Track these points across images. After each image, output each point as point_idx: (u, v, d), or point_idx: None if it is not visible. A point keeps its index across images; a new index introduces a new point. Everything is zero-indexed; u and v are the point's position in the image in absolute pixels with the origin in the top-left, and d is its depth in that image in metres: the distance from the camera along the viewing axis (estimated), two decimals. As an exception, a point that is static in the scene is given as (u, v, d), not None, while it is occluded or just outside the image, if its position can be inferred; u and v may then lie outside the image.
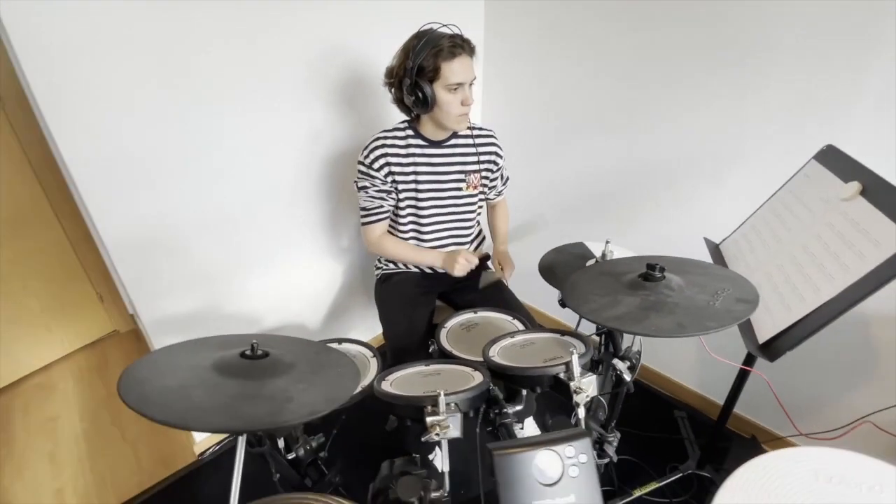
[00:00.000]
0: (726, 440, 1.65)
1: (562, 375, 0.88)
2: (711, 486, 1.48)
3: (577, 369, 0.86)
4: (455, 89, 1.22)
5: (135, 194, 1.28)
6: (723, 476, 1.51)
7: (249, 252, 1.58)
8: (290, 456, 1.03)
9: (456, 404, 0.82)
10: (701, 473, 1.49)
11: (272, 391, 0.68)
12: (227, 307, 1.60)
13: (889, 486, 0.47)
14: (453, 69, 1.19)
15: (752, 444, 1.65)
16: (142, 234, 1.33)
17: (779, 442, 1.60)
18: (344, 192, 1.74)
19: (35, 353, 2.06)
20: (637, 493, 1.45)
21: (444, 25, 1.22)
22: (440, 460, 0.82)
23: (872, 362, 1.31)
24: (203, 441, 1.71)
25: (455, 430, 0.78)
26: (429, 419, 0.77)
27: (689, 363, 1.83)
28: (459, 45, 1.18)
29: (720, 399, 1.78)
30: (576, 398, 0.85)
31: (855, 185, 0.99)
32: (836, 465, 0.52)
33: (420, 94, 1.21)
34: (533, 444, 0.55)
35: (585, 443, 0.56)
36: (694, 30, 1.38)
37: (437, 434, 0.76)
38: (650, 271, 0.85)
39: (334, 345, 1.25)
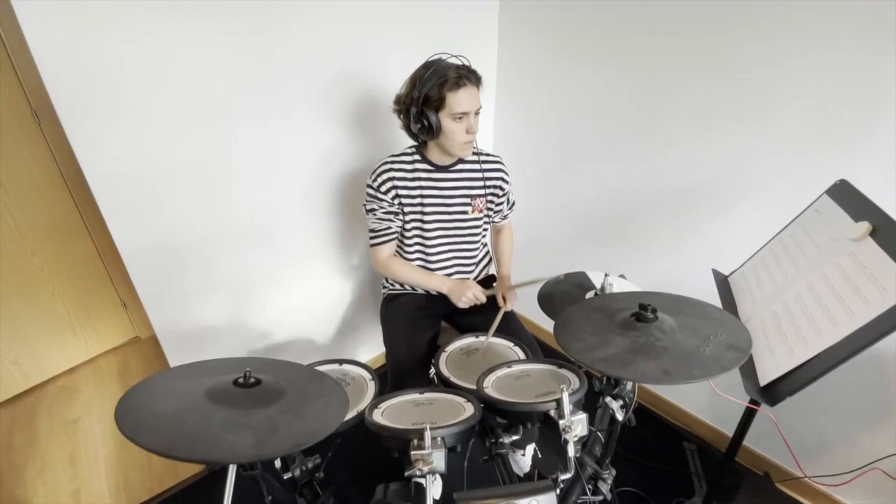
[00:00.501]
0: (738, 476, 1.59)
1: (552, 412, 0.88)
2: (717, 525, 1.44)
3: (567, 407, 0.86)
4: (460, 118, 1.24)
5: (151, 209, 1.33)
6: (730, 515, 1.46)
7: (262, 267, 1.63)
8: (287, 476, 1.05)
9: (443, 438, 0.82)
10: (707, 511, 1.45)
11: (258, 421, 0.70)
12: (237, 320, 1.65)
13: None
14: (459, 99, 1.21)
15: (765, 481, 1.59)
16: (157, 247, 1.39)
17: (793, 482, 1.54)
18: (354, 211, 1.78)
19: (61, 356, 2.16)
20: (639, 528, 1.42)
21: (453, 56, 1.24)
22: (427, 495, 0.82)
23: (886, 404, 1.25)
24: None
25: (440, 466, 0.78)
26: (413, 453, 0.78)
27: (702, 394, 1.78)
28: (465, 77, 1.21)
29: (732, 431, 1.74)
30: (565, 436, 0.85)
31: (865, 226, 0.96)
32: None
33: (426, 123, 1.24)
34: (497, 496, 0.55)
35: (550, 497, 0.56)
36: (706, 56, 1.37)
37: (421, 470, 0.76)
38: (642, 312, 0.84)
39: (334, 366, 1.28)
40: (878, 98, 1.12)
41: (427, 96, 1.21)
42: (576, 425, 0.85)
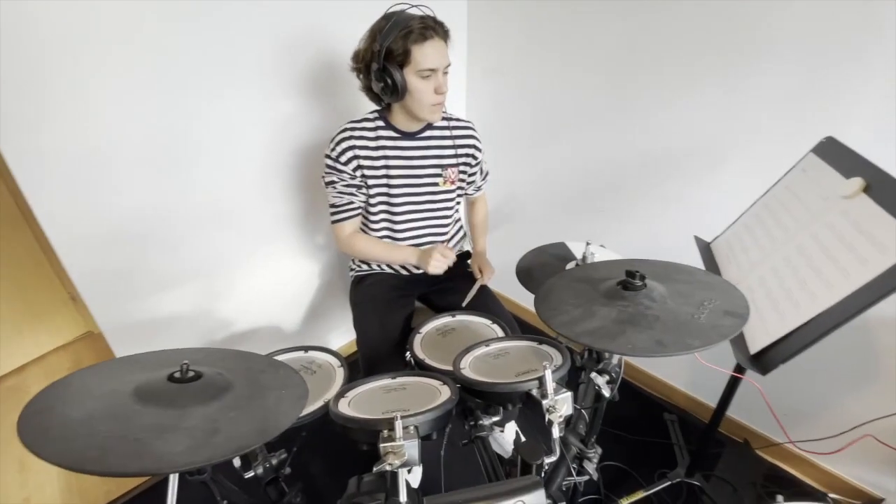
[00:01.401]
0: (718, 445, 1.58)
1: (534, 392, 0.81)
2: (702, 495, 1.42)
3: (550, 385, 0.78)
4: (427, 76, 1.13)
5: (87, 192, 1.19)
6: (715, 485, 1.45)
7: (218, 250, 1.50)
8: (249, 475, 0.96)
9: (415, 427, 0.74)
10: (690, 482, 1.43)
11: (195, 422, 0.60)
12: (195, 310, 1.52)
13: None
14: (425, 53, 1.09)
15: (744, 449, 1.59)
16: (96, 235, 1.25)
17: (774, 448, 1.53)
18: (316, 186, 1.64)
19: (7, 356, 1.99)
20: (624, 502, 1.39)
21: (414, 6, 1.12)
22: (399, 488, 0.74)
23: (872, 368, 1.23)
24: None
25: (413, 457, 0.70)
26: (382, 446, 0.70)
27: (680, 364, 1.76)
28: (431, 27, 1.09)
29: (711, 401, 1.72)
30: (549, 417, 0.77)
31: (858, 182, 0.90)
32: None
33: (389, 81, 1.12)
34: (478, 497, 0.47)
35: (538, 495, 0.48)
36: (683, 14, 1.29)
37: (391, 464, 0.68)
38: (629, 279, 0.77)
39: (300, 353, 1.17)
40: (863, 52, 1.06)
41: (389, 50, 1.08)
42: (560, 404, 0.78)
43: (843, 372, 1.29)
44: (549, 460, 0.79)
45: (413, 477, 1.18)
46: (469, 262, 1.48)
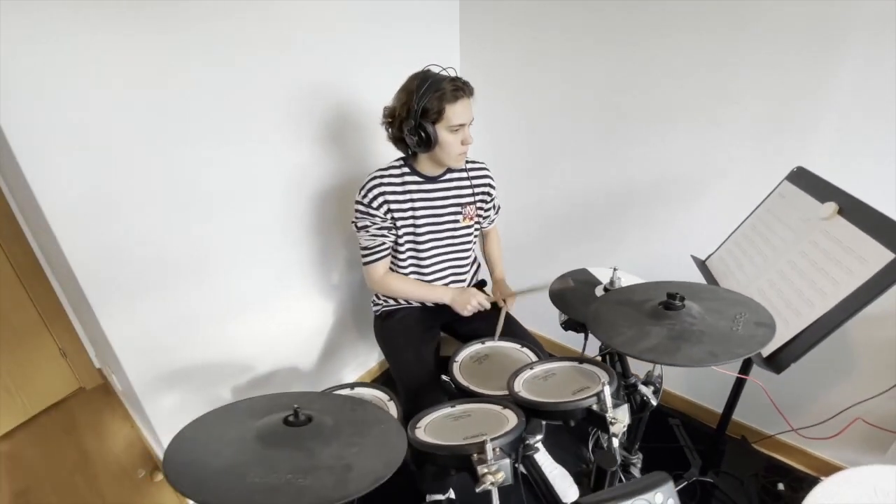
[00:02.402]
0: (721, 443, 1.73)
1: (594, 407, 0.91)
2: (714, 491, 1.55)
3: (609, 400, 0.89)
4: (457, 130, 1.25)
5: (115, 239, 1.20)
6: (723, 480, 1.58)
7: (238, 294, 1.52)
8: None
9: (502, 448, 0.82)
10: (704, 479, 1.55)
11: (328, 460, 0.65)
12: (216, 354, 1.52)
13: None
14: (456, 111, 1.22)
15: (743, 445, 1.74)
16: (125, 282, 1.25)
17: (768, 441, 1.69)
18: (332, 229, 1.71)
19: (-6, 421, 1.87)
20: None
21: (443, 69, 1.25)
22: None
23: (851, 360, 1.43)
24: None
25: (507, 476, 0.78)
26: (479, 468, 0.77)
27: (679, 371, 1.91)
28: (461, 88, 1.22)
29: (709, 404, 1.88)
30: (612, 430, 0.87)
31: (833, 206, 1.09)
32: (890, 481, 0.57)
33: (423, 135, 1.23)
34: (622, 494, 0.56)
35: (669, 486, 0.58)
36: (667, 57, 1.47)
37: (492, 483, 0.75)
38: (671, 300, 0.89)
39: (347, 390, 1.22)
40: (823, 91, 1.27)
41: (425, 109, 1.20)
42: (620, 416, 0.88)
43: (825, 365, 1.47)
44: (614, 469, 0.89)
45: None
46: (486, 289, 1.58)
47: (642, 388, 0.99)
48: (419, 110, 1.20)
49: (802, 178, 1.25)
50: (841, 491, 0.59)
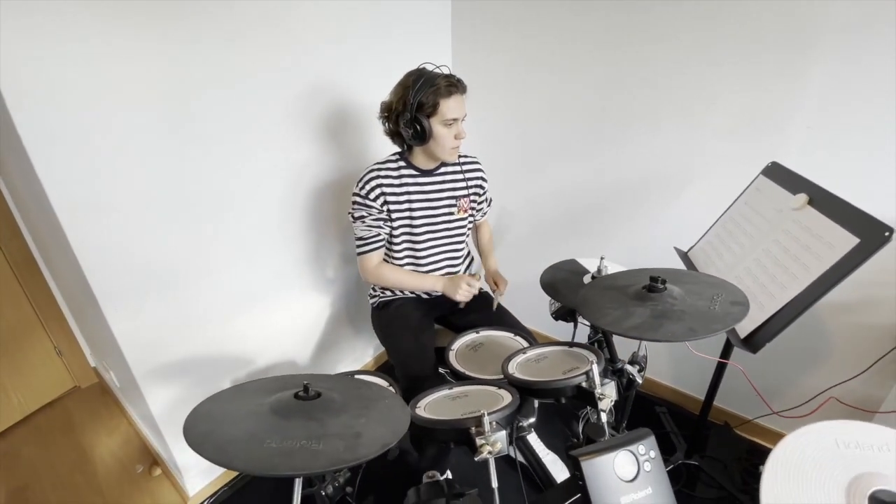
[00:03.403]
0: (705, 429, 1.80)
1: (584, 384, 0.97)
2: (700, 473, 1.62)
3: (597, 378, 0.95)
4: (450, 124, 1.31)
5: (121, 236, 1.23)
6: (708, 463, 1.65)
7: (237, 290, 1.55)
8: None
9: (498, 422, 0.87)
10: (690, 462, 1.63)
11: (339, 429, 0.70)
12: (216, 348, 1.55)
13: (893, 444, 0.59)
14: (450, 106, 1.28)
15: (726, 430, 1.82)
16: (130, 281, 1.28)
17: (749, 425, 1.77)
18: (329, 224, 1.76)
19: (-10, 420, 1.88)
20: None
21: (437, 67, 1.31)
22: (491, 474, 0.86)
23: (826, 345, 1.51)
24: (196, 495, 1.63)
25: (503, 447, 0.83)
26: (478, 439, 0.82)
27: (665, 361, 1.99)
28: (455, 84, 1.28)
29: (693, 392, 1.96)
30: (600, 405, 0.93)
31: (803, 197, 1.17)
32: (850, 433, 0.63)
33: (419, 128, 1.28)
34: (610, 446, 0.62)
35: (651, 440, 0.64)
36: (649, 61, 1.55)
37: (490, 452, 0.81)
38: (654, 283, 0.96)
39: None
40: (795, 90, 1.35)
41: (421, 103, 1.26)
42: (608, 391, 0.94)
43: (802, 351, 1.56)
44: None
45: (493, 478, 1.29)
46: (483, 279, 1.63)
47: (628, 368, 1.05)
48: (415, 104, 1.25)
49: (776, 173, 1.33)
50: (802, 444, 0.65)
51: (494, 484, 0.84)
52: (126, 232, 1.24)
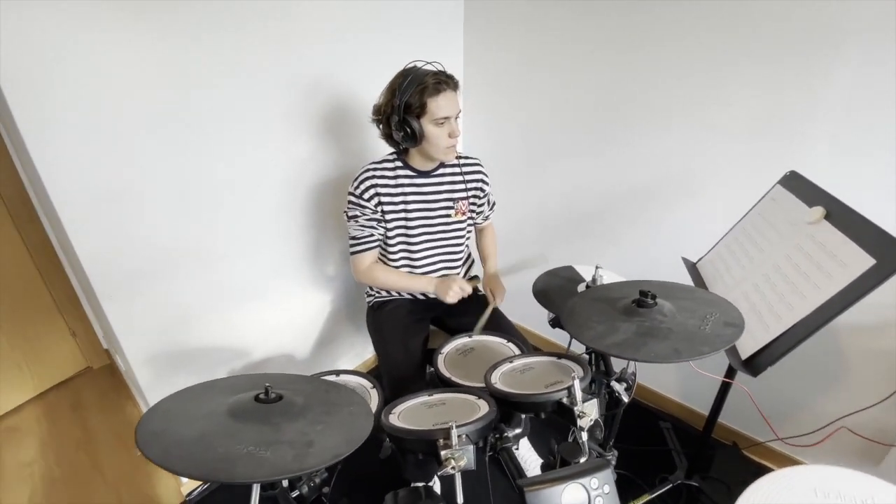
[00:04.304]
0: (710, 448, 1.72)
1: (564, 400, 0.92)
2: (700, 495, 1.54)
3: (579, 394, 0.90)
4: (442, 123, 1.27)
5: (120, 228, 1.25)
6: (710, 485, 1.58)
7: (236, 283, 1.57)
8: (294, 494, 1.02)
9: (467, 435, 0.84)
10: (689, 483, 1.55)
11: (292, 436, 0.69)
12: (213, 341, 1.57)
13: (879, 499, 0.52)
14: (439, 104, 1.23)
15: (733, 451, 1.73)
16: (126, 269, 1.30)
17: (759, 448, 1.68)
18: (329, 221, 1.75)
19: (6, 395, 1.96)
20: (632, 505, 1.49)
21: (427, 63, 1.26)
22: (456, 489, 0.83)
23: (844, 369, 1.41)
24: (189, 482, 1.66)
25: (469, 462, 0.80)
26: (443, 452, 0.79)
27: (672, 375, 1.91)
28: (444, 81, 1.23)
29: (702, 408, 1.87)
30: (580, 422, 0.89)
31: (819, 210, 1.08)
32: (832, 481, 0.57)
33: (408, 130, 1.25)
34: (560, 478, 0.58)
35: (607, 474, 0.59)
36: (662, 60, 1.48)
37: (453, 467, 0.77)
38: (643, 298, 0.90)
39: (332, 377, 1.25)
40: (818, 93, 1.25)
41: (408, 104, 1.22)
42: (589, 410, 0.90)
43: (817, 374, 1.46)
44: (582, 460, 0.90)
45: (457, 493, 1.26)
46: (481, 284, 1.59)
47: (615, 385, 1.00)
48: (402, 105, 1.22)
49: (794, 183, 1.24)
50: (777, 488, 0.59)
51: (460, 500, 0.81)
52: (124, 222, 1.25)
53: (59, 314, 2.08)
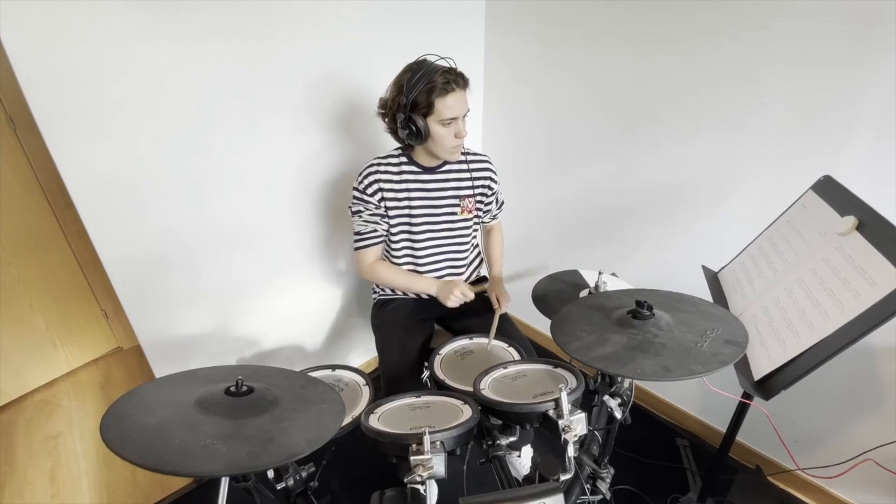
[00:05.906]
0: (730, 471, 1.61)
1: (551, 412, 0.87)
2: (713, 520, 1.44)
3: (566, 406, 0.85)
4: (448, 123, 1.23)
5: (133, 216, 1.30)
6: (725, 510, 1.47)
7: (248, 274, 1.60)
8: (280, 486, 1.03)
9: (441, 442, 0.81)
10: (702, 506, 1.46)
11: (253, 431, 0.68)
12: (224, 329, 1.61)
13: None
14: (447, 105, 1.19)
15: (756, 475, 1.61)
16: (140, 255, 1.35)
17: (786, 475, 1.56)
18: (340, 215, 1.75)
19: (40, 370, 2.09)
20: (636, 526, 1.42)
21: (440, 58, 1.23)
22: (430, 494, 0.81)
23: (876, 396, 1.28)
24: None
25: (440, 470, 0.77)
26: (412, 458, 0.77)
27: (692, 389, 1.80)
28: (453, 81, 1.19)
29: (722, 426, 1.75)
30: (564, 436, 0.84)
31: (851, 220, 0.97)
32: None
33: (414, 128, 1.22)
34: (506, 499, 0.54)
35: (558, 499, 0.55)
36: (692, 58, 1.38)
37: (421, 475, 0.75)
38: (638, 309, 0.84)
39: (327, 371, 1.25)
40: (855, 97, 1.14)
41: (415, 102, 1.19)
42: (575, 424, 0.84)
43: (848, 399, 1.33)
44: (564, 477, 0.85)
45: (430, 494, 1.24)
46: (487, 289, 1.55)
47: (608, 401, 0.93)
48: (409, 103, 1.19)
49: (827, 189, 1.13)
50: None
51: (430, 507, 0.78)
52: (137, 210, 1.30)
53: (93, 296, 2.20)
